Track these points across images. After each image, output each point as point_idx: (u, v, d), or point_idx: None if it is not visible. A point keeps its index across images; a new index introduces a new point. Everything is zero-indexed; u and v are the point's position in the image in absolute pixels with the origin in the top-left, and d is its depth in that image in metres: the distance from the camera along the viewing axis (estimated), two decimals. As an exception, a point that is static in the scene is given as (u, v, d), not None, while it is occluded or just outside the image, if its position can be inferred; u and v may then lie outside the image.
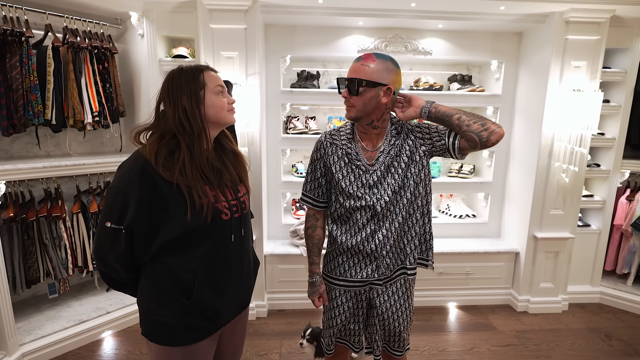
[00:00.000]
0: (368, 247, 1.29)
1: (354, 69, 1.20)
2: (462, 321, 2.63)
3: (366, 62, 1.19)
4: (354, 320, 1.39)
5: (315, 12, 2.42)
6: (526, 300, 2.75)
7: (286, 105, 2.79)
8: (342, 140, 1.30)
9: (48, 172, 2.13)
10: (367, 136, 1.29)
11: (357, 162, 1.27)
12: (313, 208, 1.40)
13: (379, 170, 1.26)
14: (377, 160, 1.27)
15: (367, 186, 1.27)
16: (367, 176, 1.27)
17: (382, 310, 1.34)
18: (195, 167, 1.04)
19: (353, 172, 1.28)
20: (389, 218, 1.28)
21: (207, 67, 1.11)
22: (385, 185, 1.26)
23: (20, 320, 2.26)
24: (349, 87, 1.20)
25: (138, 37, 2.49)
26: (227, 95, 1.13)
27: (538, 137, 2.55)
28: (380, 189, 1.26)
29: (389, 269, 1.32)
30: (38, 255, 2.28)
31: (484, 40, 2.75)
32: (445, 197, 3.22)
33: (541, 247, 2.67)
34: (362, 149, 1.29)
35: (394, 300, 1.35)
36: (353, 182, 1.28)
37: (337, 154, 1.30)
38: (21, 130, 2.16)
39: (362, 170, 1.27)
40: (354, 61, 1.23)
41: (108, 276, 1.13)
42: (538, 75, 2.56)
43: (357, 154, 1.28)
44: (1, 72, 2.05)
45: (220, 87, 1.10)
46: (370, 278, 1.31)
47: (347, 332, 1.42)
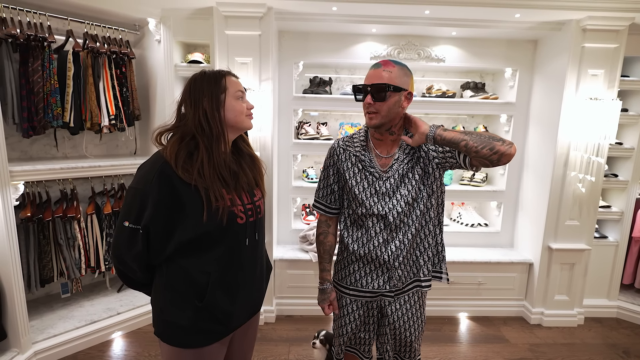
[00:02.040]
0: (381, 257, 1.27)
1: (376, 75, 1.18)
2: (473, 332, 2.58)
3: (387, 68, 1.18)
4: (365, 329, 1.37)
5: (328, 19, 2.44)
6: (540, 313, 2.68)
7: (298, 111, 2.80)
8: (356, 147, 1.30)
9: (65, 173, 2.17)
10: (382, 143, 1.29)
11: (370, 169, 1.27)
12: (325, 214, 1.39)
13: (392, 178, 1.25)
14: (390, 168, 1.26)
15: (379, 194, 1.26)
16: (380, 183, 1.26)
17: (394, 319, 1.33)
18: (213, 168, 1.05)
19: (367, 179, 1.27)
20: (402, 229, 1.27)
21: (229, 72, 1.14)
22: (398, 196, 1.25)
23: (33, 318, 2.30)
24: (372, 93, 1.17)
25: (155, 43, 2.54)
26: (247, 100, 1.16)
27: (553, 146, 2.51)
28: (393, 198, 1.25)
29: (401, 281, 1.30)
30: (53, 255, 2.33)
31: (498, 47, 2.73)
32: (457, 206, 3.18)
33: (556, 259, 2.61)
34: (376, 156, 1.29)
35: (405, 309, 1.33)
36: (366, 188, 1.27)
37: (350, 160, 1.30)
38: (40, 132, 2.22)
39: (376, 177, 1.26)
40: (372, 68, 1.21)
41: (124, 274, 1.15)
42: (554, 84, 2.53)
43: (371, 160, 1.28)
44: (24, 75, 2.12)
45: (241, 92, 1.13)
46: (382, 289, 1.30)
47: (357, 341, 1.40)
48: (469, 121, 3.09)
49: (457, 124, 3.04)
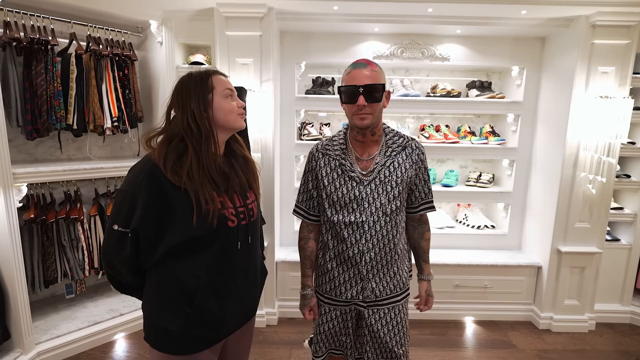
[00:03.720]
0: (356, 267, 1.26)
1: (366, 75, 1.15)
2: (479, 337, 2.52)
3: (373, 68, 1.17)
4: (344, 332, 1.35)
5: (330, 19, 2.41)
6: (549, 318, 2.61)
7: (300, 112, 2.78)
8: (336, 150, 1.27)
9: (67, 175, 2.19)
10: (363, 145, 1.26)
11: (351, 173, 1.24)
12: (306, 220, 1.36)
13: (372, 183, 1.22)
14: (371, 172, 1.23)
15: (359, 199, 1.22)
16: (361, 188, 1.22)
17: (371, 323, 1.29)
18: (203, 170, 1.03)
19: (346, 184, 1.23)
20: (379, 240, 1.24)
21: (215, 71, 1.11)
22: (378, 204, 1.22)
23: (37, 319, 2.32)
24: (366, 94, 1.14)
25: (157, 45, 2.55)
26: (237, 99, 1.13)
27: (562, 146, 2.44)
28: (372, 206, 1.22)
29: (374, 294, 1.28)
30: (56, 256, 2.35)
31: (504, 45, 2.67)
32: (462, 207, 3.11)
33: (565, 262, 2.53)
34: (357, 159, 1.26)
35: (383, 313, 1.30)
36: (345, 194, 1.23)
37: (330, 165, 1.27)
38: (44, 134, 2.24)
39: (356, 181, 1.23)
40: (355, 68, 1.17)
41: (114, 278, 1.13)
42: (562, 82, 2.46)
43: (352, 164, 1.25)
44: (27, 78, 2.14)
45: (229, 90, 1.10)
46: (355, 299, 1.29)
47: (340, 344, 1.38)
48: (475, 121, 3.03)
49: (463, 123, 2.98)
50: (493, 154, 2.82)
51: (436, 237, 2.86)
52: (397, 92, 2.77)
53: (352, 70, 1.17)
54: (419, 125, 2.98)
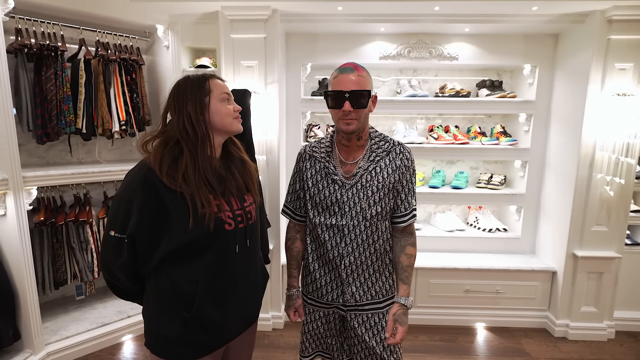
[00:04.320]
0: (335, 270, 1.26)
1: (353, 81, 1.13)
2: (491, 344, 2.43)
3: (360, 73, 1.15)
4: (330, 334, 1.34)
5: (335, 20, 2.39)
6: (565, 325, 2.50)
7: (306, 113, 2.77)
8: (322, 152, 1.26)
9: (76, 178, 2.23)
10: (348, 149, 1.25)
11: (334, 176, 1.23)
12: (292, 220, 1.37)
13: (354, 188, 1.21)
14: (354, 176, 1.22)
15: (340, 202, 1.22)
16: (343, 191, 1.22)
17: (354, 325, 1.28)
18: (198, 173, 1.02)
19: (329, 187, 1.23)
20: (359, 244, 1.23)
21: (212, 75, 1.11)
22: (358, 208, 1.21)
23: (48, 320, 2.36)
24: (352, 99, 1.12)
25: (164, 49, 2.58)
26: (234, 103, 1.12)
27: (577, 146, 2.34)
28: (353, 210, 1.22)
29: (354, 298, 1.26)
30: (66, 258, 2.38)
31: (515, 43, 2.59)
32: (473, 210, 3.03)
33: (582, 267, 2.42)
34: (340, 163, 1.25)
35: (365, 317, 1.28)
36: (328, 197, 1.23)
37: (315, 167, 1.26)
38: (54, 138, 2.29)
39: (339, 184, 1.22)
40: (341, 72, 1.15)
41: (113, 285, 1.13)
42: (577, 80, 2.36)
43: (335, 167, 1.24)
44: (37, 84, 2.19)
45: (226, 94, 1.09)
46: (336, 302, 1.28)
47: (327, 347, 1.36)
48: (486, 121, 2.95)
49: (473, 124, 2.90)
50: (504, 155, 2.74)
51: (445, 241, 2.80)
52: (404, 92, 2.73)
53: (338, 75, 1.15)
54: (428, 126, 2.92)
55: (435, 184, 2.83)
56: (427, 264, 2.58)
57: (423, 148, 2.71)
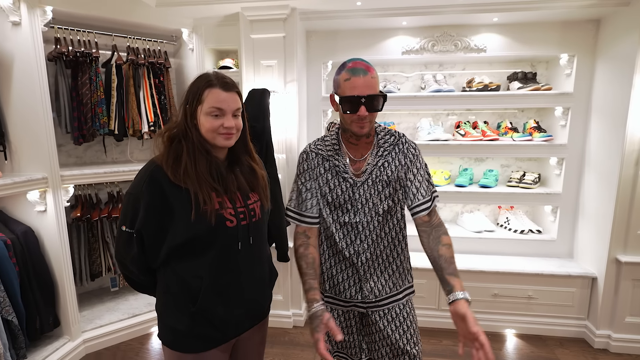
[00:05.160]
0: (353, 267, 1.23)
1: (368, 84, 1.09)
2: (521, 352, 2.30)
3: (372, 74, 1.10)
4: (348, 332, 1.30)
5: (355, 16, 2.35)
6: (606, 336, 2.30)
7: (327, 112, 2.75)
8: (329, 151, 1.23)
9: (109, 177, 2.36)
10: (356, 147, 1.22)
11: (344, 174, 1.20)
12: (302, 225, 1.25)
13: (365, 184, 1.19)
14: (364, 173, 1.20)
15: (353, 200, 1.19)
16: (354, 189, 1.19)
17: (375, 320, 1.24)
18: (197, 171, 1.04)
19: (340, 185, 1.20)
20: (375, 240, 1.21)
21: (216, 84, 1.05)
22: (371, 204, 1.19)
23: (85, 309, 2.53)
24: (367, 104, 1.09)
25: (189, 52, 2.67)
26: (228, 118, 1.05)
27: (621, 142, 2.14)
28: (365, 206, 1.19)
29: (373, 294, 1.23)
30: (101, 252, 2.55)
31: (549, 31, 2.41)
32: (504, 210, 2.87)
33: (626, 274, 2.22)
34: (350, 160, 1.22)
35: (387, 310, 1.25)
36: (340, 195, 1.20)
37: (324, 166, 1.23)
38: (89, 139, 2.44)
39: (350, 183, 1.19)
40: (354, 74, 1.09)
41: (127, 277, 1.19)
42: (621, 68, 2.16)
43: (345, 165, 1.21)
44: (74, 89, 2.35)
45: (216, 109, 1.04)
46: (354, 299, 1.24)
47: (344, 345, 1.33)
48: (519, 116, 2.78)
49: (504, 119, 2.74)
50: (538, 152, 2.57)
51: (473, 242, 2.67)
52: (428, 88, 2.63)
53: (351, 78, 1.09)
54: (454, 122, 2.80)
55: (461, 183, 2.71)
56: (452, 266, 2.47)
57: (449, 145, 2.61)
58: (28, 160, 2.08)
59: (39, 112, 2.02)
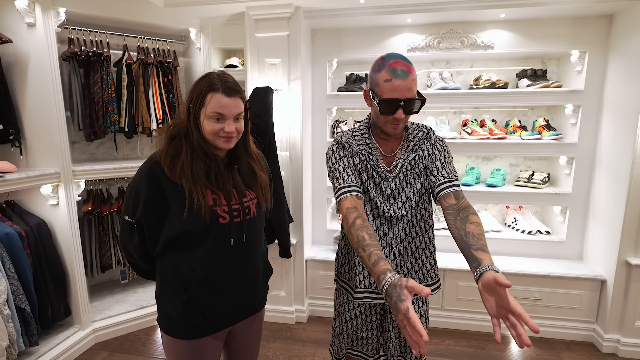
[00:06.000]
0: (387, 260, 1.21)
1: (408, 87, 1.06)
2: (525, 355, 2.26)
3: (413, 75, 1.08)
4: (366, 327, 1.31)
5: (359, 13, 2.35)
6: (615, 340, 2.24)
7: (332, 110, 2.76)
8: (360, 145, 1.23)
9: (118, 172, 2.44)
10: (387, 142, 1.23)
11: (377, 168, 1.21)
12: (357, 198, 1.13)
13: (397, 179, 1.21)
14: (395, 168, 1.21)
15: (384, 195, 1.21)
16: (386, 184, 1.21)
17: None
18: (194, 168, 1.08)
19: (373, 179, 1.21)
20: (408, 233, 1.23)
21: (219, 88, 1.05)
22: (403, 197, 1.21)
23: (95, 300, 2.62)
24: (406, 107, 1.08)
25: (197, 51, 2.72)
26: (229, 123, 1.08)
27: (632, 141, 2.08)
28: (398, 200, 1.21)
29: None
30: (111, 245, 2.63)
31: (559, 27, 2.35)
32: (512, 210, 2.82)
33: (637, 277, 2.15)
34: (381, 155, 1.22)
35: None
36: (372, 188, 1.21)
37: (355, 158, 1.22)
38: (101, 136, 2.52)
39: (382, 177, 1.21)
40: (397, 77, 1.06)
41: (131, 263, 1.25)
42: (634, 65, 2.09)
43: (377, 160, 1.21)
44: (86, 87, 2.43)
45: (217, 114, 1.06)
46: None
47: (359, 342, 1.34)
48: (529, 114, 2.72)
49: (512, 117, 2.69)
50: (547, 151, 2.51)
51: (478, 242, 2.63)
52: (434, 85, 2.61)
53: (393, 79, 1.06)
54: (461, 120, 2.76)
55: (468, 182, 2.67)
56: (456, 266, 2.45)
57: (455, 144, 2.57)
58: (42, 155, 2.17)
59: (53, 109, 2.10)
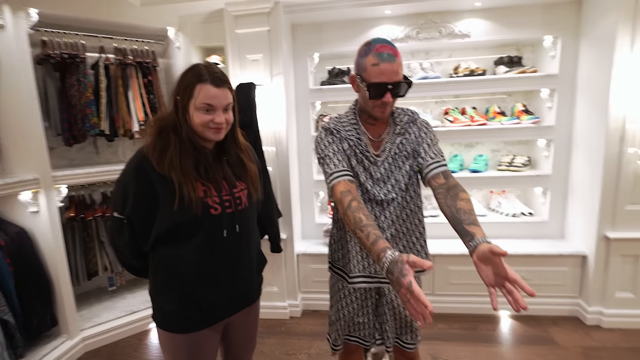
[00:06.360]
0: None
1: (395, 70, 1.08)
2: (515, 332, 2.32)
3: (399, 58, 1.10)
4: (362, 312, 1.32)
5: (339, 7, 2.37)
6: (598, 312, 2.33)
7: (316, 104, 2.77)
8: (348, 130, 1.24)
9: (101, 176, 2.38)
10: (374, 127, 1.24)
11: (366, 152, 1.22)
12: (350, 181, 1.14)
13: (386, 162, 1.22)
14: (383, 152, 1.22)
15: (374, 179, 1.22)
16: (375, 168, 1.22)
17: (392, 298, 1.29)
18: (183, 161, 1.07)
19: (362, 163, 1.23)
20: (398, 215, 1.24)
21: (207, 79, 1.04)
22: (393, 181, 1.22)
23: (83, 308, 2.56)
24: (393, 90, 1.10)
25: (176, 50, 2.69)
26: (218, 114, 1.07)
27: (605, 120, 2.17)
28: (387, 184, 1.22)
29: None
30: (96, 251, 2.57)
31: (532, 14, 2.43)
32: (495, 194, 2.90)
33: (615, 250, 2.25)
34: (369, 140, 1.24)
35: None
36: (362, 173, 1.22)
37: (346, 143, 1.23)
38: (80, 140, 2.46)
39: (371, 161, 1.22)
40: (384, 61, 1.07)
41: (122, 261, 1.23)
42: (602, 47, 2.18)
43: (366, 145, 1.22)
44: (63, 91, 2.36)
45: (206, 105, 1.05)
46: (379, 275, 1.26)
47: (356, 327, 1.35)
48: (507, 100, 2.80)
49: (492, 104, 2.76)
50: (526, 134, 2.59)
51: (465, 227, 2.69)
52: (415, 75, 2.65)
53: (380, 63, 1.07)
54: (443, 109, 2.82)
55: (452, 169, 2.73)
56: (446, 251, 2.51)
57: (438, 132, 2.52)
58: (19, 161, 2.10)
59: (28, 114, 2.04)
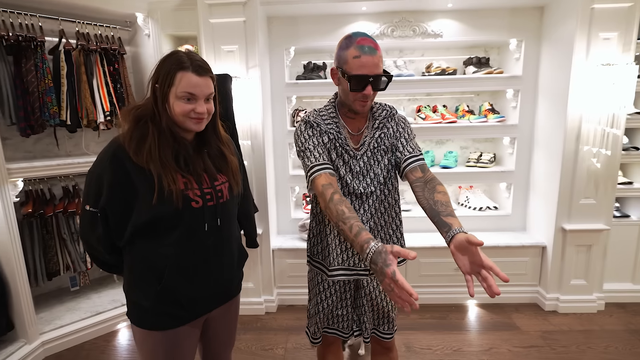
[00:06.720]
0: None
1: (376, 63, 1.08)
2: (481, 320, 2.46)
3: (379, 52, 1.10)
4: (341, 305, 1.34)
5: (314, 0, 2.36)
6: (555, 299, 2.52)
7: (292, 98, 2.75)
8: (328, 124, 1.24)
9: (62, 169, 2.23)
10: (353, 121, 1.25)
11: (346, 146, 1.22)
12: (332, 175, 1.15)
13: (365, 156, 1.24)
14: (362, 145, 1.24)
15: (354, 172, 1.23)
16: (354, 162, 1.23)
17: (370, 290, 1.31)
18: (162, 152, 1.02)
19: (342, 157, 1.23)
20: (377, 208, 1.26)
21: (189, 67, 1.00)
22: (372, 174, 1.24)
23: (42, 310, 2.40)
24: (374, 83, 1.10)
25: (145, 38, 2.56)
26: (200, 104, 1.03)
27: (563, 119, 2.33)
28: (367, 177, 1.24)
29: None
30: (57, 249, 2.41)
31: (500, 17, 2.55)
32: (464, 189, 3.03)
33: (571, 240, 2.43)
34: (348, 134, 1.25)
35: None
36: (341, 166, 1.23)
37: (326, 137, 1.23)
38: (39, 131, 2.29)
39: (350, 155, 1.23)
40: (365, 54, 1.07)
41: (94, 257, 1.16)
42: (562, 51, 2.33)
43: (345, 138, 1.23)
44: (18, 76, 2.19)
45: (187, 94, 1.01)
46: (357, 267, 1.27)
47: (335, 320, 1.36)
48: (475, 99, 2.93)
49: (461, 103, 2.88)
50: (493, 132, 2.73)
51: (436, 220, 2.80)
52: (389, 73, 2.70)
53: (361, 56, 1.07)
54: (415, 106, 2.90)
55: (424, 165, 2.82)
56: (417, 244, 2.59)
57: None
58: (-32, 153, 1.92)
59: (-22, 100, 1.86)
